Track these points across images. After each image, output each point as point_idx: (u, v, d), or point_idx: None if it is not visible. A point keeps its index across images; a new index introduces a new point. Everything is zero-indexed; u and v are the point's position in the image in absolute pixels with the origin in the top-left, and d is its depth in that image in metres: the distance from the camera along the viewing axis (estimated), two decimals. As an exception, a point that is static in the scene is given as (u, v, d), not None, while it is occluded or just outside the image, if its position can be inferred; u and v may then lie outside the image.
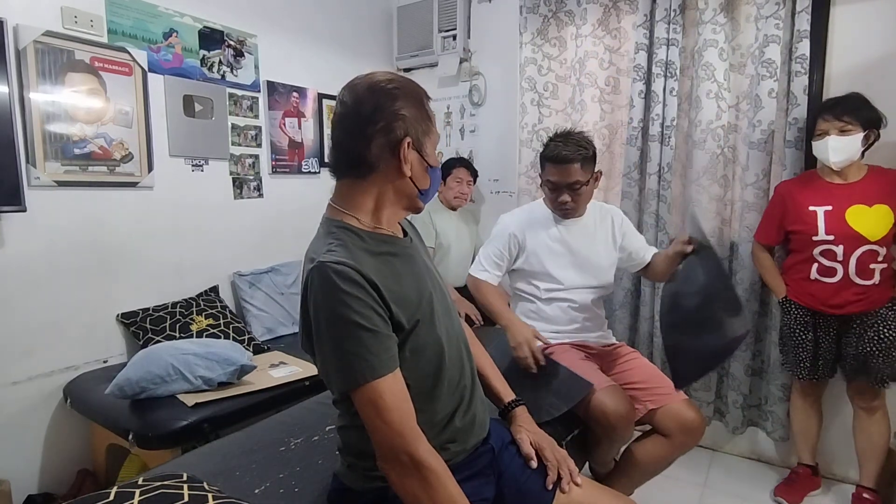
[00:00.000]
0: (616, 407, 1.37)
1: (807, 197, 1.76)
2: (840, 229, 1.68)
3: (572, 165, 1.52)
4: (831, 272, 1.71)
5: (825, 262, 1.72)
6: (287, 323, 2.44)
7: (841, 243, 1.68)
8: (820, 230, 1.70)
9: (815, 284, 1.75)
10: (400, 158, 0.89)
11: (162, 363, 1.65)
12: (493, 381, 1.18)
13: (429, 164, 0.94)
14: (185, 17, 2.13)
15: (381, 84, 0.89)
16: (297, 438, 1.31)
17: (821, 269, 1.73)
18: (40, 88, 1.72)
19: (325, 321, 0.82)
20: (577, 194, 1.56)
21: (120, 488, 0.75)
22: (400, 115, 0.88)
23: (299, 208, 2.63)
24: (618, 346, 1.72)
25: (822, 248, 1.72)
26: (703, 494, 2.00)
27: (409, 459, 0.81)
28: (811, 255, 1.74)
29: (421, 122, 0.91)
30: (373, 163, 0.89)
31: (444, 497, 0.81)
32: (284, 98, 2.54)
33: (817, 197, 1.74)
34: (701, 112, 2.11)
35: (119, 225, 1.96)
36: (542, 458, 1.06)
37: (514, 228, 1.65)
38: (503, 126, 2.79)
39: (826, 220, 1.70)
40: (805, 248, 1.77)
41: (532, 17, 2.51)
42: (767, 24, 1.93)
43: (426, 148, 0.93)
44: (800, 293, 1.81)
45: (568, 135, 1.58)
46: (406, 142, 0.89)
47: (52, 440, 1.84)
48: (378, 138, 0.88)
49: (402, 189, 0.93)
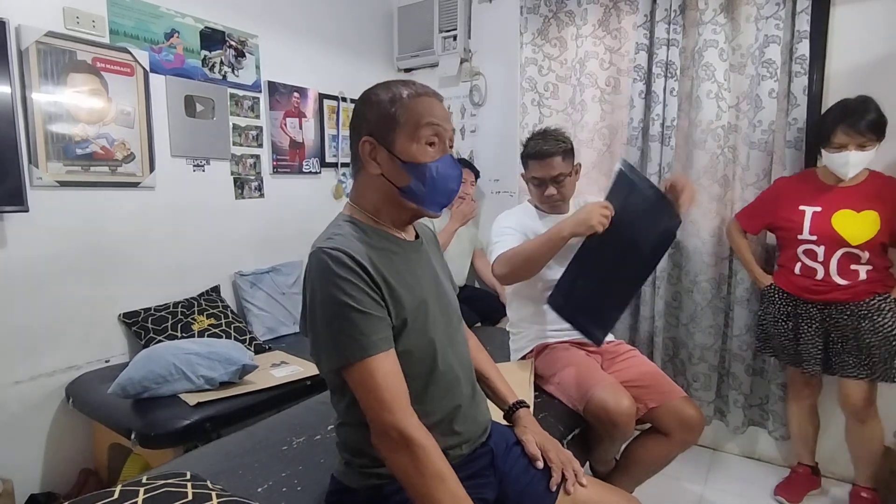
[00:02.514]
0: (618, 404, 1.37)
1: (800, 195, 1.79)
2: (823, 230, 1.71)
3: (554, 159, 1.60)
4: (812, 272, 1.75)
5: (807, 261, 1.76)
6: (288, 323, 2.44)
7: (822, 244, 1.72)
8: (805, 229, 1.74)
9: (799, 278, 1.79)
10: (362, 157, 0.94)
11: (164, 363, 1.65)
12: (497, 382, 1.18)
13: (400, 160, 0.91)
14: (187, 17, 2.14)
15: (369, 89, 0.97)
16: (299, 437, 1.32)
17: (803, 268, 1.77)
18: (42, 89, 1.73)
19: (319, 303, 0.86)
20: (561, 186, 1.64)
21: (124, 487, 0.76)
22: (364, 117, 0.94)
23: (300, 208, 2.64)
24: (617, 343, 1.73)
25: (804, 248, 1.76)
26: (703, 494, 2.01)
27: (398, 435, 0.83)
28: (795, 252, 1.79)
29: (384, 119, 0.92)
30: (358, 161, 0.95)
31: (431, 471, 0.83)
32: (285, 98, 2.55)
33: (810, 197, 1.77)
34: (701, 112, 2.12)
35: (121, 225, 1.97)
36: (547, 460, 1.06)
37: (515, 224, 1.70)
38: (504, 126, 2.79)
39: (812, 220, 1.73)
40: (789, 245, 1.81)
41: (532, 17, 2.51)
42: (767, 25, 1.93)
43: (396, 143, 0.91)
44: (784, 283, 1.85)
45: (545, 132, 1.67)
46: (364, 141, 0.93)
47: (54, 440, 1.85)
48: (353, 142, 0.96)
49: (381, 190, 0.95)
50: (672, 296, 2.28)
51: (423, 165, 0.91)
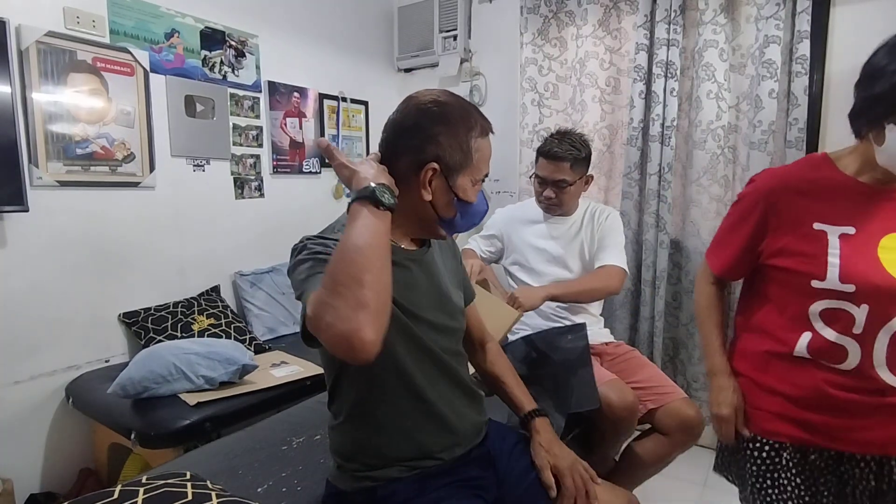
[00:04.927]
0: (621, 399, 1.38)
1: (815, 206, 0.94)
2: (866, 273, 0.88)
3: (562, 164, 1.60)
4: (838, 353, 0.91)
5: (829, 332, 0.91)
6: (288, 322, 2.44)
7: (865, 301, 0.88)
8: (828, 269, 0.90)
9: (802, 373, 0.95)
10: (420, 179, 0.88)
11: (164, 362, 1.65)
12: (514, 388, 1.15)
13: (457, 196, 0.91)
14: (187, 17, 2.14)
15: (431, 105, 0.89)
16: (299, 437, 1.32)
17: (819, 344, 0.92)
18: (42, 89, 1.73)
19: (293, 257, 0.83)
20: (561, 192, 1.64)
21: (124, 487, 0.75)
22: (435, 140, 0.87)
23: (300, 208, 2.64)
24: (617, 344, 1.73)
25: (826, 305, 0.91)
26: (703, 494, 2.01)
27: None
28: (804, 313, 0.93)
29: (457, 153, 0.89)
30: (398, 176, 0.87)
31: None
32: (285, 98, 2.55)
33: (833, 208, 0.93)
34: (701, 112, 2.12)
35: (121, 225, 1.97)
36: (562, 485, 1.01)
37: (499, 223, 1.79)
38: (504, 126, 2.78)
39: (844, 251, 0.90)
40: (795, 299, 0.95)
41: (533, 17, 2.51)
42: (768, 25, 1.93)
43: (458, 179, 0.90)
44: (766, 400, 1.01)
45: (566, 134, 1.65)
46: (431, 166, 0.87)
47: (54, 439, 1.85)
48: (407, 155, 0.88)
49: (419, 211, 0.91)
50: (672, 296, 2.28)
51: (470, 205, 0.93)
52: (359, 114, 2.95)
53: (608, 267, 1.63)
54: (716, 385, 1.08)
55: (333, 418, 0.99)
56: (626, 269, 1.65)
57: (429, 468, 0.95)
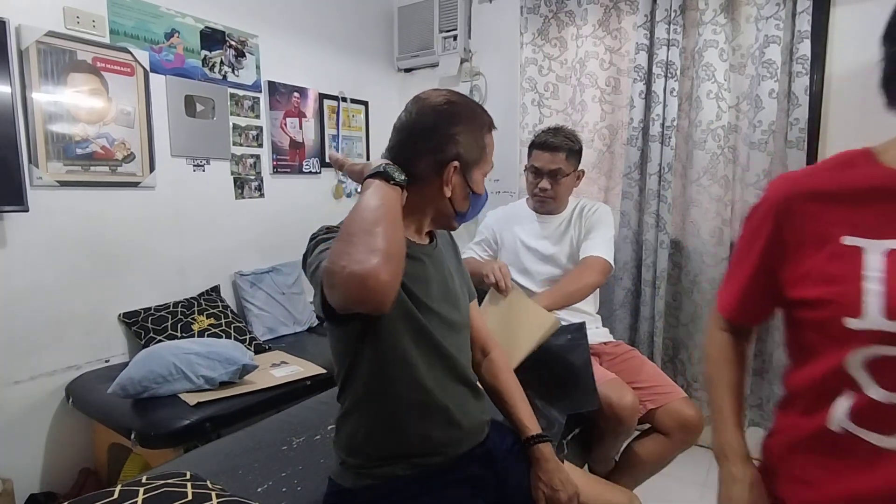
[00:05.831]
0: (620, 399, 1.38)
1: (844, 214, 0.68)
2: None
3: (558, 154, 1.63)
4: (887, 420, 0.63)
5: (876, 390, 0.63)
6: (288, 322, 2.44)
7: None
8: (867, 302, 0.63)
9: (841, 460, 0.67)
10: (443, 178, 0.92)
11: (164, 362, 1.65)
12: (518, 409, 1.10)
13: (472, 190, 0.96)
14: (187, 17, 2.14)
15: (445, 105, 0.92)
16: (299, 437, 1.32)
17: (861, 409, 0.65)
18: (42, 89, 1.73)
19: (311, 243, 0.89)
20: (557, 183, 1.66)
21: (124, 486, 0.76)
22: (454, 139, 0.91)
23: (300, 208, 2.64)
24: (616, 344, 1.73)
25: (869, 353, 0.63)
26: (703, 494, 2.01)
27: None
28: (838, 366, 0.65)
29: (474, 150, 0.94)
30: (416, 175, 0.90)
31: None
32: (285, 98, 2.55)
33: (872, 216, 0.67)
34: (701, 112, 2.12)
35: (121, 225, 1.97)
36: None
37: (491, 224, 1.82)
38: (504, 126, 2.73)
39: (891, 275, 0.62)
40: (827, 346, 0.68)
41: (533, 17, 2.51)
42: (768, 25, 1.93)
43: (474, 174, 0.96)
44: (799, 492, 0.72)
45: (559, 128, 1.70)
46: (453, 165, 0.91)
47: (54, 439, 1.85)
48: (427, 155, 0.91)
49: (438, 207, 0.96)
50: (672, 296, 2.28)
51: (480, 197, 0.99)
52: (359, 114, 2.95)
53: (590, 259, 1.62)
54: (726, 475, 0.78)
55: (342, 409, 0.98)
56: (609, 261, 1.63)
57: (431, 465, 0.95)
